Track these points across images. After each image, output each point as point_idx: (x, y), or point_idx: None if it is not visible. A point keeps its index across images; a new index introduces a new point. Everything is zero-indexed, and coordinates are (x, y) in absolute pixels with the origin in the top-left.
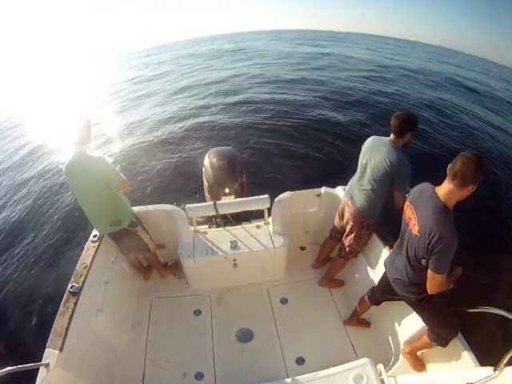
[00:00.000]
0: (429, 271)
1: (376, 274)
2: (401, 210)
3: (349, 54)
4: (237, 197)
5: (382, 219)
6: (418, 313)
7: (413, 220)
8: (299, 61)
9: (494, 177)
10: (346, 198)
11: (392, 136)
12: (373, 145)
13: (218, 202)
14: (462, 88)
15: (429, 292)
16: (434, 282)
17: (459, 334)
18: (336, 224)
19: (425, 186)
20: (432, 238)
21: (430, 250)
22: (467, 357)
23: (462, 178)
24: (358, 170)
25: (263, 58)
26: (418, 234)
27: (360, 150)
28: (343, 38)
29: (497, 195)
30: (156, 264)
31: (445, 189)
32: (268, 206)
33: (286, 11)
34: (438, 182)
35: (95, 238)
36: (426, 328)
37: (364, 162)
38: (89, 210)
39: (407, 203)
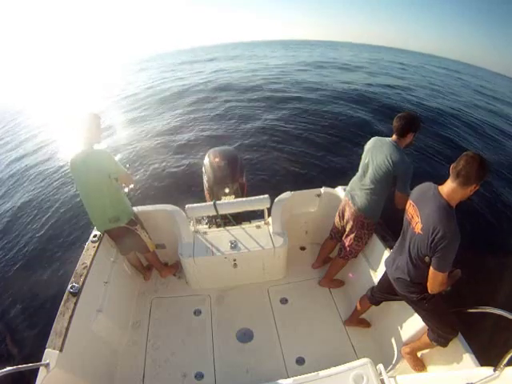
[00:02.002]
0: (430, 269)
1: (376, 274)
2: (402, 210)
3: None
4: (237, 197)
5: (382, 219)
6: (418, 312)
7: (415, 218)
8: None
9: (495, 179)
10: (347, 197)
11: (394, 136)
12: (375, 145)
13: (217, 202)
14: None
15: (429, 291)
16: (435, 281)
17: (459, 334)
18: (336, 224)
19: (427, 184)
20: (436, 235)
21: (434, 248)
22: (467, 357)
23: (465, 176)
24: (360, 169)
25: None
26: (421, 232)
27: (360, 150)
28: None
29: (497, 197)
30: (156, 263)
31: (448, 187)
32: (268, 205)
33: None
34: (440, 182)
35: (95, 238)
36: (426, 328)
37: (366, 161)
38: (89, 205)
39: (410, 202)
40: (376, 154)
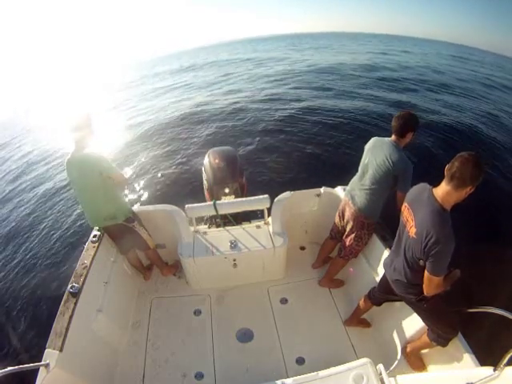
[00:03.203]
0: (425, 273)
1: (376, 273)
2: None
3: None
4: (237, 197)
5: (382, 219)
6: (417, 313)
7: (410, 222)
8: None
9: (494, 177)
10: (347, 197)
11: (393, 136)
12: (375, 145)
13: (217, 202)
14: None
15: (425, 293)
16: (430, 284)
17: (459, 334)
18: (336, 224)
19: (422, 186)
20: (429, 240)
21: (427, 253)
22: (467, 357)
23: (459, 179)
24: (360, 170)
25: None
26: (415, 236)
27: (360, 150)
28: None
29: (496, 194)
30: (157, 261)
31: (442, 190)
32: (268, 205)
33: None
34: (436, 183)
35: (95, 238)
36: (426, 328)
37: (366, 161)
38: (85, 204)
39: (405, 204)
40: (376, 154)
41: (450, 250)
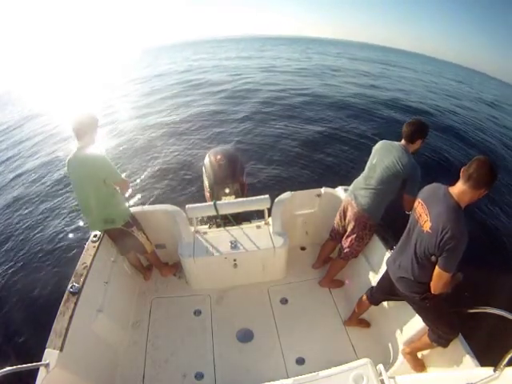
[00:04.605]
0: (436, 269)
1: (376, 274)
2: (402, 212)
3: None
4: (237, 197)
5: (382, 220)
6: (419, 313)
7: (424, 217)
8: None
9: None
10: (350, 197)
11: (403, 141)
12: (384, 147)
13: (218, 202)
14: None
15: (432, 291)
16: (439, 280)
17: (459, 335)
18: (337, 224)
19: (437, 185)
20: (444, 234)
21: (442, 247)
22: (467, 357)
23: (475, 180)
24: (366, 170)
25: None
26: (429, 231)
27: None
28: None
29: (499, 199)
30: (156, 262)
31: (458, 189)
32: (268, 206)
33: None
34: (450, 183)
35: (95, 238)
36: (427, 328)
37: (374, 162)
38: (84, 206)
39: (418, 200)
40: (385, 155)
41: (463, 247)
